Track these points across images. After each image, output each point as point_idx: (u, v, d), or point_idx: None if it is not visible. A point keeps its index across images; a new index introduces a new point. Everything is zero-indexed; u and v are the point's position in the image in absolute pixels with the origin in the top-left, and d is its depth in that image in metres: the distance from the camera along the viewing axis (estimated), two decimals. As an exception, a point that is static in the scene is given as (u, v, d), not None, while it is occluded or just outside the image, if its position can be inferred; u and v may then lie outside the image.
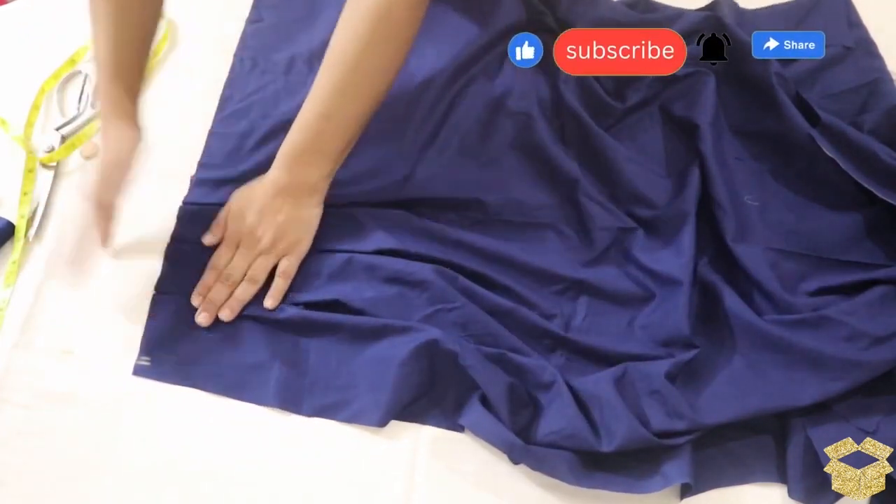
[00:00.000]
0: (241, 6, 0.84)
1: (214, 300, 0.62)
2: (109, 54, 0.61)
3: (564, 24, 0.72)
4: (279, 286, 0.63)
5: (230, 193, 0.70)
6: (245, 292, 0.63)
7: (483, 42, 0.74)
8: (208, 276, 0.63)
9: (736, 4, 0.78)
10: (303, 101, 0.72)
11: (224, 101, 0.76)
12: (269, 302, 0.62)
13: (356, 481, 0.56)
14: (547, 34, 0.72)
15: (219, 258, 0.64)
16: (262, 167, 0.71)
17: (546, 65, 0.69)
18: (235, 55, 0.79)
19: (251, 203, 0.64)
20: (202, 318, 0.62)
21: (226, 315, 0.62)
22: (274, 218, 0.63)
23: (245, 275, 0.63)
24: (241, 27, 0.82)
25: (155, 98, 0.75)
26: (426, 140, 0.70)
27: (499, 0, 0.75)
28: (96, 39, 0.62)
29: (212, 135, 0.73)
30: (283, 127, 0.72)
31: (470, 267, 0.63)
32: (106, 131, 0.61)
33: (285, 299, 0.63)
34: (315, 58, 0.77)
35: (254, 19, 0.82)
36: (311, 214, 0.64)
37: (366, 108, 0.62)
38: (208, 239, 0.65)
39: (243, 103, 0.75)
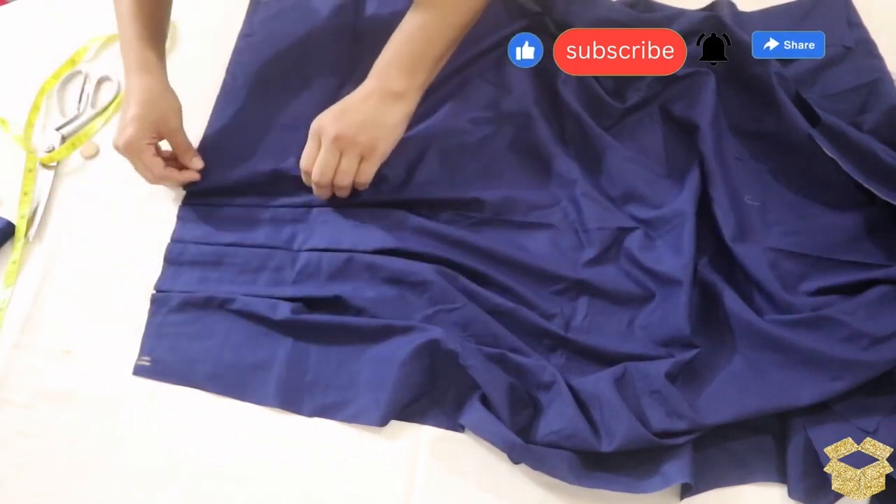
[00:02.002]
0: (242, 6, 0.84)
1: (322, 195, 0.67)
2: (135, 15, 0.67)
3: (563, 25, 0.72)
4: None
5: (230, 194, 0.70)
6: (341, 196, 0.66)
7: (483, 47, 0.74)
8: (304, 179, 0.66)
9: (734, 5, 0.78)
10: (297, 115, 0.71)
11: (216, 115, 0.75)
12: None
13: (356, 481, 0.56)
14: (546, 35, 0.72)
15: (305, 158, 0.64)
16: (261, 177, 0.70)
17: (546, 65, 0.69)
18: (228, 70, 0.78)
19: (339, 103, 0.64)
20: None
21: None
22: (355, 116, 0.63)
23: (332, 175, 0.64)
24: (241, 27, 0.82)
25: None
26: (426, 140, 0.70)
27: (497, 4, 0.75)
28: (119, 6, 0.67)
29: (204, 150, 0.72)
30: (280, 138, 0.72)
31: (470, 267, 0.63)
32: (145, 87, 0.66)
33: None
34: (309, 71, 0.76)
35: (246, 33, 0.81)
36: (394, 120, 0.64)
37: (460, 20, 0.64)
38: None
39: (236, 120, 0.75)
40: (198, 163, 0.70)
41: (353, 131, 0.62)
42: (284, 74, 0.76)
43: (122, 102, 0.67)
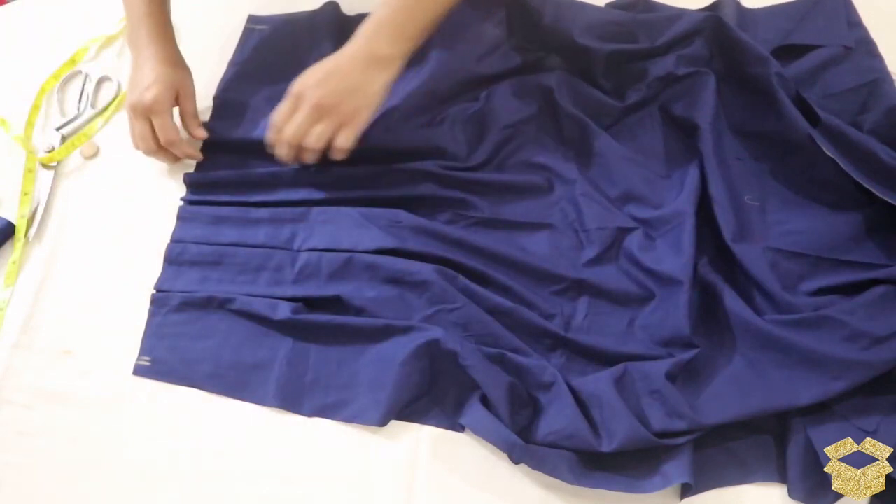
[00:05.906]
0: (241, 6, 0.83)
1: (286, 156, 0.66)
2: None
3: (554, 34, 0.72)
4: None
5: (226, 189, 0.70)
6: (308, 160, 0.66)
7: (468, 66, 0.73)
8: (271, 135, 0.66)
9: (738, 4, 0.78)
10: None
11: (208, 144, 0.74)
12: None
13: (356, 481, 0.56)
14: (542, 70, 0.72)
15: (280, 115, 0.64)
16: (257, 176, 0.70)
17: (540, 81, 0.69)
18: (217, 97, 0.77)
19: (323, 65, 0.63)
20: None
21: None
22: (340, 81, 0.61)
23: (303, 138, 0.63)
24: (241, 27, 0.82)
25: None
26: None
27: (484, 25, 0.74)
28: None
29: (200, 165, 0.72)
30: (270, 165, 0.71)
31: (470, 266, 0.63)
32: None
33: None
34: None
35: (237, 60, 0.80)
36: (377, 88, 0.63)
37: None
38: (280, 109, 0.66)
39: (225, 147, 0.73)
40: (202, 132, 0.71)
41: (336, 99, 0.61)
42: (275, 102, 0.75)
43: (134, 70, 0.68)
